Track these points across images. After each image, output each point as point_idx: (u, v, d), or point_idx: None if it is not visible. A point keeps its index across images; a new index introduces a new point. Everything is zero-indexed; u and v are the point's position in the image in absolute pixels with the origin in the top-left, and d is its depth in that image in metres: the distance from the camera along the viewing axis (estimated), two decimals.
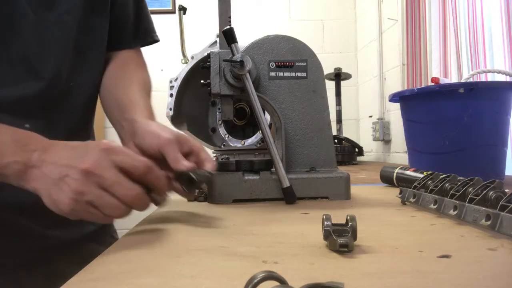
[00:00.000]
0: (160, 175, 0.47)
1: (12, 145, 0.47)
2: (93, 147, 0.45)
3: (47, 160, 0.46)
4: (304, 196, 0.72)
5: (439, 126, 0.95)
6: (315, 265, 0.34)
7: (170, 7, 2.71)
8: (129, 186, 0.44)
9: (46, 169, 0.45)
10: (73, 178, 0.43)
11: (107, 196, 0.43)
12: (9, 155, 0.46)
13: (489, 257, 0.36)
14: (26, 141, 0.48)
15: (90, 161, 0.43)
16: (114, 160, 0.44)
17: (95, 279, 0.33)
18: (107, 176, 0.43)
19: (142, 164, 0.45)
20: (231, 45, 0.72)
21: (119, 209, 0.44)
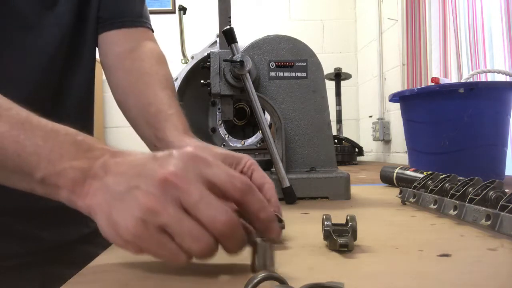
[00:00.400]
0: (263, 199, 0.33)
1: (72, 148, 0.35)
2: (178, 154, 0.33)
3: (112, 170, 0.33)
4: (304, 196, 0.72)
5: (439, 126, 0.95)
6: (315, 265, 0.34)
7: (170, 7, 2.72)
8: (221, 208, 0.30)
9: (110, 180, 0.32)
10: (144, 190, 0.30)
11: (188, 220, 0.30)
12: (65, 160, 0.34)
13: (489, 257, 0.36)
14: (89, 146, 0.36)
15: (171, 168, 0.31)
16: (205, 172, 0.31)
17: (95, 280, 0.33)
18: (192, 190, 0.30)
19: (242, 182, 0.32)
20: (231, 45, 0.72)
21: (202, 240, 0.30)
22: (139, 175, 0.31)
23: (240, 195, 0.31)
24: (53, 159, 0.34)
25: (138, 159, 0.34)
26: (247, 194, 0.32)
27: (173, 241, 0.30)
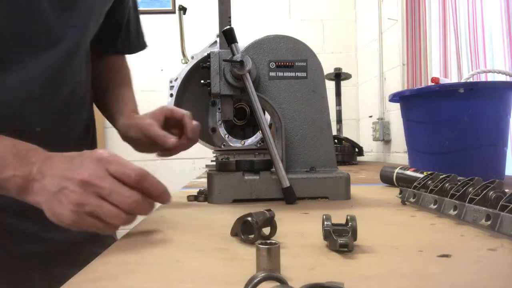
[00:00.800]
0: (154, 181, 0.46)
1: (12, 158, 0.47)
2: (87, 157, 0.45)
3: (46, 172, 0.45)
4: (304, 196, 0.72)
5: (439, 126, 0.95)
6: (315, 265, 0.34)
7: (170, 7, 2.71)
8: (126, 193, 0.44)
9: (46, 182, 0.45)
10: (71, 190, 0.43)
11: (106, 205, 0.43)
12: (9, 169, 0.46)
13: (489, 257, 0.36)
14: (25, 154, 0.47)
15: (86, 171, 0.43)
16: (108, 169, 0.44)
17: (94, 279, 0.33)
18: (103, 185, 0.43)
19: (135, 172, 0.45)
20: (231, 45, 0.72)
21: (119, 217, 0.44)
22: (65, 178, 0.44)
23: (135, 183, 0.45)
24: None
25: (63, 163, 0.46)
26: (140, 181, 0.45)
27: (100, 221, 0.44)
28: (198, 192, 0.77)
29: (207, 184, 0.74)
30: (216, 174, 0.72)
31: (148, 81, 2.58)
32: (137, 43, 0.90)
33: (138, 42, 0.91)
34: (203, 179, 1.25)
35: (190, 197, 0.76)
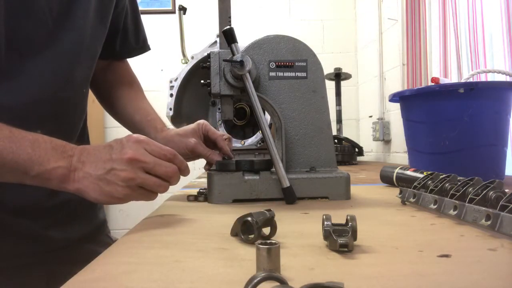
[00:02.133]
0: (181, 159, 0.57)
1: (53, 152, 0.52)
2: (127, 141, 0.53)
3: (86, 161, 0.52)
4: (304, 196, 0.72)
5: (439, 126, 0.95)
6: (315, 265, 0.34)
7: (170, 7, 2.71)
8: (166, 165, 0.54)
9: (87, 169, 0.52)
10: (120, 169, 0.51)
11: (151, 177, 0.53)
12: (52, 161, 0.51)
13: (489, 257, 0.36)
14: (63, 148, 0.53)
15: (130, 151, 0.52)
16: (146, 149, 0.53)
17: (95, 279, 0.33)
18: (148, 160, 0.52)
19: (169, 151, 0.55)
20: (231, 45, 0.72)
21: (163, 185, 0.54)
22: (111, 160, 0.51)
23: (169, 160, 0.55)
24: (43, 162, 0.51)
25: (98, 151, 0.53)
26: (172, 159, 0.55)
27: (147, 191, 0.53)
28: (198, 192, 0.77)
29: (207, 184, 0.74)
30: (216, 174, 0.72)
31: (148, 81, 2.57)
32: (136, 47, 0.92)
33: (138, 45, 0.92)
34: (203, 179, 1.25)
35: (190, 197, 0.76)
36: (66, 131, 0.71)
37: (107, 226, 0.88)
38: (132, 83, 0.94)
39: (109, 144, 0.54)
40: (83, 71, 0.75)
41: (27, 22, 0.62)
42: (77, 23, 0.69)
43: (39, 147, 0.52)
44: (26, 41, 0.63)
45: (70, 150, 0.53)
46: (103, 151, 0.53)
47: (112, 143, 0.54)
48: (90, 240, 0.79)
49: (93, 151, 0.53)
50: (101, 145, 0.54)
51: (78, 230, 0.77)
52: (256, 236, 0.41)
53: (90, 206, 0.82)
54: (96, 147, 0.54)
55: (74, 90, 0.73)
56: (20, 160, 0.50)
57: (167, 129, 0.87)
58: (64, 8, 0.66)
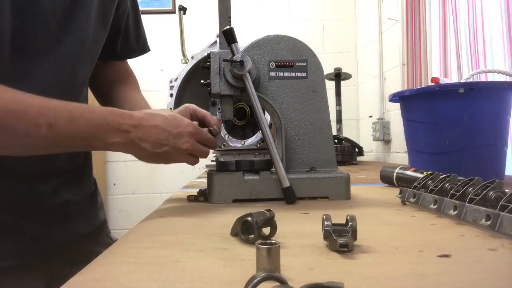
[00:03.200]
0: (207, 135, 0.71)
1: (109, 128, 0.59)
2: (176, 117, 0.65)
3: (145, 139, 0.61)
4: (304, 196, 0.72)
5: (439, 126, 0.95)
6: (315, 265, 0.34)
7: (170, 7, 2.71)
8: (211, 138, 0.70)
9: (148, 146, 0.61)
10: (184, 141, 0.64)
11: (202, 146, 0.68)
12: (109, 137, 0.59)
13: (489, 257, 0.36)
14: (117, 123, 0.59)
15: (190, 126, 0.66)
16: (199, 141, 0.67)
17: (95, 279, 0.33)
18: (203, 134, 0.68)
19: (203, 130, 0.70)
20: (231, 45, 0.72)
21: (207, 153, 0.69)
22: (169, 146, 0.64)
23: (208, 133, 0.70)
24: (102, 138, 0.59)
25: (159, 131, 0.63)
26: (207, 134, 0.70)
27: (195, 157, 0.69)
28: (198, 192, 0.77)
29: (207, 184, 0.74)
30: (216, 174, 0.72)
31: (148, 81, 2.58)
32: (137, 48, 0.92)
33: (138, 46, 0.92)
34: (203, 179, 1.25)
35: (190, 197, 0.76)
36: None
37: (107, 226, 0.88)
38: (128, 78, 0.95)
39: (165, 119, 0.63)
40: (85, 72, 0.75)
41: (32, 24, 0.62)
42: (79, 25, 0.69)
43: (96, 124, 0.58)
44: (30, 43, 0.63)
45: (126, 125, 0.59)
46: (161, 133, 0.62)
47: (168, 121, 0.63)
48: (90, 240, 0.79)
49: (150, 130, 0.61)
50: (156, 119, 0.62)
51: (78, 230, 0.77)
52: (256, 236, 0.41)
53: (90, 207, 0.82)
54: (152, 125, 0.62)
55: (77, 91, 0.74)
56: (82, 139, 0.58)
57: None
58: (66, 10, 0.67)
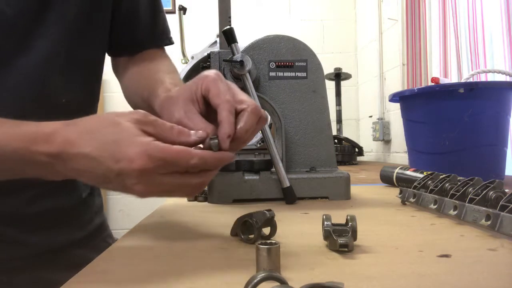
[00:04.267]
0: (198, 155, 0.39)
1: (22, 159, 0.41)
2: (117, 139, 0.37)
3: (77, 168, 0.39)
4: (304, 196, 0.72)
5: (439, 126, 0.95)
6: (315, 265, 0.34)
7: (170, 7, 2.71)
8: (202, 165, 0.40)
9: (84, 174, 0.39)
10: (134, 183, 0.37)
11: (183, 184, 0.40)
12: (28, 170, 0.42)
13: (489, 257, 0.36)
14: (29, 149, 0.40)
15: (139, 159, 0.36)
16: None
17: (94, 280, 0.33)
18: (174, 163, 0.38)
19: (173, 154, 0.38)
20: (231, 45, 0.72)
21: (190, 193, 0.43)
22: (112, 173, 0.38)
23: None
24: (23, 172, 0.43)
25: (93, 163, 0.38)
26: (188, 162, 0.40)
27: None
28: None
29: (207, 184, 0.74)
30: (216, 174, 0.72)
31: None
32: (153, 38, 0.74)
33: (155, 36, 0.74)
34: None
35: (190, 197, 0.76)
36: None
37: (105, 230, 0.80)
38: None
39: (99, 142, 0.38)
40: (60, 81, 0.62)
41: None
42: (50, 30, 0.59)
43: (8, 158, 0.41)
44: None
45: (42, 155, 0.39)
46: (96, 166, 0.38)
47: (104, 146, 0.38)
48: (82, 245, 0.72)
49: (79, 161, 0.38)
50: (86, 143, 0.38)
51: (66, 236, 0.69)
52: (256, 236, 0.41)
53: (83, 212, 0.74)
54: (80, 153, 0.38)
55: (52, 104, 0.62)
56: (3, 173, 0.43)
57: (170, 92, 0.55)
58: (34, 15, 0.57)
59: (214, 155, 0.41)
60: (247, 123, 0.43)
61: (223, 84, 0.45)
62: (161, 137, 0.39)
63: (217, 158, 0.41)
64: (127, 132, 0.38)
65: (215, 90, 0.44)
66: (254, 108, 0.44)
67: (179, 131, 0.41)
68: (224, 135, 0.42)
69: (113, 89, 2.61)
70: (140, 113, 0.40)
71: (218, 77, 0.45)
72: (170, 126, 0.40)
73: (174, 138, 0.40)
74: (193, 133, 0.42)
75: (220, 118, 0.42)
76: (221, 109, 0.43)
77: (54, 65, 0.60)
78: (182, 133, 0.41)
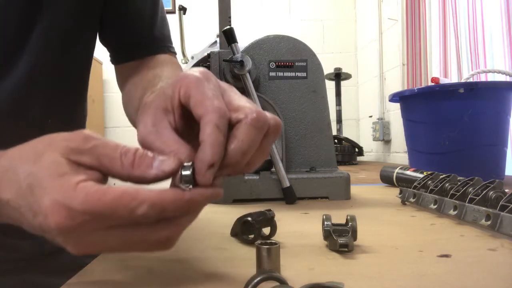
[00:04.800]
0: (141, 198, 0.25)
1: None
2: (33, 185, 0.26)
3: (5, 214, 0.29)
4: (304, 196, 0.72)
5: (439, 126, 0.95)
6: (315, 265, 0.34)
7: (170, 7, 2.72)
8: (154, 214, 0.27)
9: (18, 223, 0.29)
10: (60, 240, 0.27)
11: (123, 241, 0.27)
12: None
13: (489, 257, 0.36)
14: None
15: (58, 212, 0.25)
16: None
17: (93, 281, 0.33)
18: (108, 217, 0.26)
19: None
20: (231, 45, 0.72)
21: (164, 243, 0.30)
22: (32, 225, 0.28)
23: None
24: None
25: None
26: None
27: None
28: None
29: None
30: None
31: None
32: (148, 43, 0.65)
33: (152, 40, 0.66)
34: None
35: None
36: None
37: None
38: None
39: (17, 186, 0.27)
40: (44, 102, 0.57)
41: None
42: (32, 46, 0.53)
43: None
44: None
45: None
46: (20, 217, 0.28)
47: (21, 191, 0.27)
48: None
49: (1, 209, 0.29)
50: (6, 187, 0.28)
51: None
52: (256, 236, 0.41)
53: None
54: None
55: (32, 128, 0.56)
56: None
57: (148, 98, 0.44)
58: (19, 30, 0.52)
59: (181, 198, 0.27)
60: (244, 141, 0.29)
61: (210, 86, 0.30)
62: (105, 170, 0.27)
63: (187, 201, 0.27)
64: (48, 170, 0.26)
65: (198, 96, 0.29)
66: (255, 118, 0.29)
67: (133, 160, 0.27)
68: (202, 163, 0.27)
69: (113, 89, 2.61)
70: (79, 136, 0.28)
71: (204, 77, 0.30)
72: (119, 153, 0.27)
73: (123, 172, 0.27)
74: (157, 162, 0.27)
75: (202, 137, 0.28)
76: (204, 123, 0.28)
77: (34, 85, 0.55)
78: (138, 164, 0.27)
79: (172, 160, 0.27)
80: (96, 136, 0.28)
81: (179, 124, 0.32)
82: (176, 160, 0.27)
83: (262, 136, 0.30)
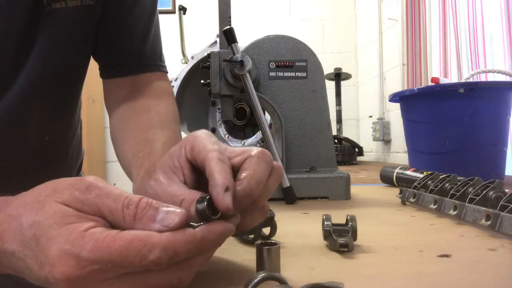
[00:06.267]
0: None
1: None
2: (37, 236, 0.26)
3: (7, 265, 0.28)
4: (304, 196, 0.72)
5: (439, 126, 0.95)
6: (315, 265, 0.34)
7: (170, 7, 2.72)
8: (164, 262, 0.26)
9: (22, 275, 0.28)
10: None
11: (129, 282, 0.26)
12: None
13: (489, 257, 0.36)
14: None
15: (64, 264, 0.24)
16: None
17: None
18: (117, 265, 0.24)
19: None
20: (231, 45, 0.72)
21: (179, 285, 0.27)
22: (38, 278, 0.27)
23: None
24: None
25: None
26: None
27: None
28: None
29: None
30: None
31: None
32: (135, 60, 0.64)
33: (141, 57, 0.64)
34: None
35: None
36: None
37: None
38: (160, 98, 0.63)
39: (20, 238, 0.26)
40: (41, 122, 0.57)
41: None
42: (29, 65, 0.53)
43: None
44: None
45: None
46: (25, 269, 0.27)
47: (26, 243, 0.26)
48: None
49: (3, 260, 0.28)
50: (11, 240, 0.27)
51: None
52: (256, 236, 0.41)
53: None
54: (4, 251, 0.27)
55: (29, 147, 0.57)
56: None
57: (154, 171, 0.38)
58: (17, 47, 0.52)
59: (193, 239, 0.26)
60: (256, 170, 0.30)
61: (212, 140, 0.32)
62: (111, 219, 0.27)
63: (199, 241, 0.26)
64: (53, 219, 0.25)
65: (201, 146, 0.31)
66: (262, 151, 0.31)
67: (135, 213, 0.26)
68: (217, 187, 0.27)
69: None
70: (82, 185, 0.27)
71: (206, 135, 0.33)
72: (121, 206, 0.26)
73: (125, 225, 0.26)
74: (161, 215, 0.26)
75: (208, 171, 0.29)
76: (207, 161, 0.29)
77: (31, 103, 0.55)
78: (140, 217, 0.26)
79: (176, 213, 0.26)
80: (99, 185, 0.27)
81: (188, 179, 0.33)
82: (182, 214, 0.26)
83: (269, 169, 0.31)
